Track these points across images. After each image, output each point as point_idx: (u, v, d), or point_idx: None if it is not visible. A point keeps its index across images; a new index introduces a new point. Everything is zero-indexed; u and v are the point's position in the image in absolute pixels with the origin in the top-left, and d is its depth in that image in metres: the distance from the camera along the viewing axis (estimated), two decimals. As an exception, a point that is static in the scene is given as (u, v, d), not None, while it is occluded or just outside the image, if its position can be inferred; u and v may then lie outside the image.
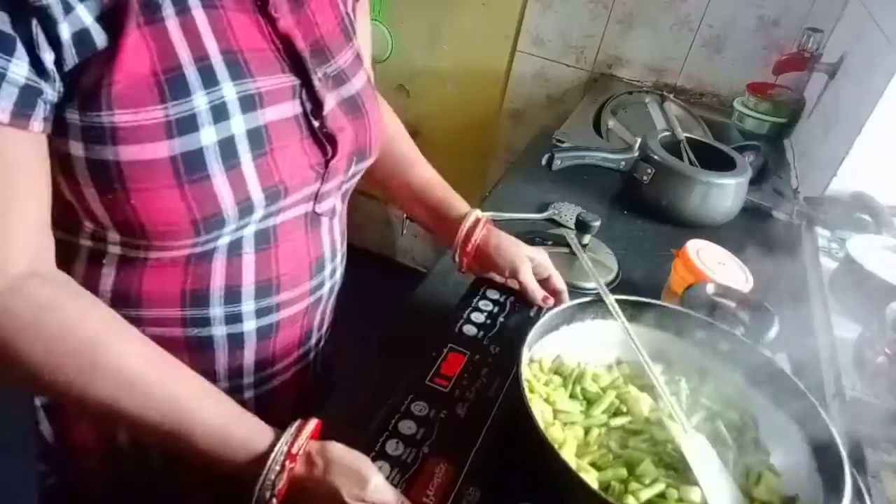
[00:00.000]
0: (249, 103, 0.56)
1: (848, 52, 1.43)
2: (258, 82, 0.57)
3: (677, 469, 0.60)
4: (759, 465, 0.63)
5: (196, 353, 0.65)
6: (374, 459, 0.57)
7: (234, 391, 0.70)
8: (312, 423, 0.56)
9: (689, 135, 1.33)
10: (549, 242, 1.03)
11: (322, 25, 0.64)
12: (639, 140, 1.23)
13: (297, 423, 0.55)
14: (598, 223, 0.99)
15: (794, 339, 0.80)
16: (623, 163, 1.21)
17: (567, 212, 1.18)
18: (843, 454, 0.57)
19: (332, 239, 0.72)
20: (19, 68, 0.45)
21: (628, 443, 0.63)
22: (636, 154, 1.21)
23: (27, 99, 0.46)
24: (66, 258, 0.59)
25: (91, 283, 0.59)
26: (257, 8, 0.57)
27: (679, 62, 1.85)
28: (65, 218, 0.56)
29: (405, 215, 1.03)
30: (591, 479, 0.58)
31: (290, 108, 0.60)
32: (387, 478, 0.56)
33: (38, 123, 0.48)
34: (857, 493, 0.57)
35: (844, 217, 1.16)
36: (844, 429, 0.65)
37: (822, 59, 1.51)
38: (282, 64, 0.59)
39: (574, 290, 0.90)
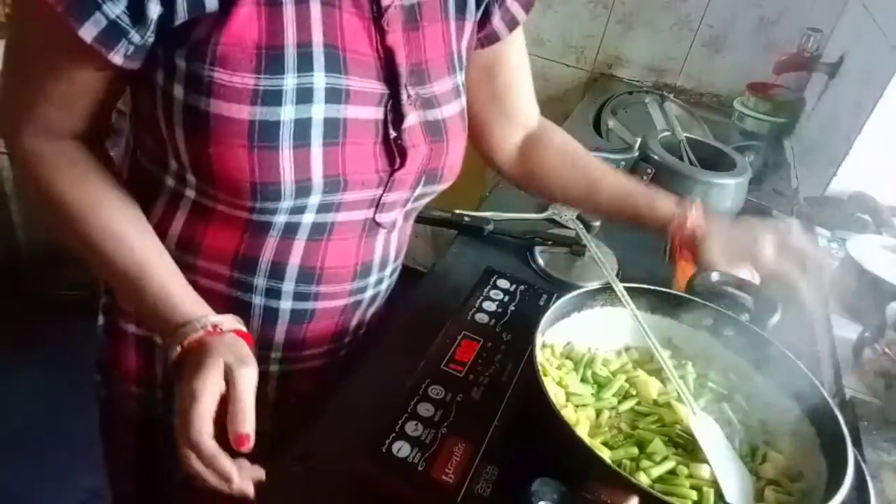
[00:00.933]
0: (335, 95, 0.60)
1: (848, 52, 1.43)
2: (350, 80, 0.61)
3: (686, 448, 0.62)
4: (764, 446, 0.65)
5: (235, 312, 0.69)
6: (394, 440, 0.60)
7: (261, 361, 0.74)
8: (243, 330, 0.62)
9: (689, 135, 1.33)
10: (549, 242, 1.03)
11: (429, 52, 0.68)
12: (639, 140, 1.23)
13: (234, 318, 0.62)
14: (598, 223, 0.99)
15: (794, 339, 0.80)
16: (623, 163, 1.21)
17: (567, 212, 1.18)
18: (846, 433, 0.58)
19: (386, 251, 0.76)
20: (114, 7, 0.51)
21: (638, 424, 0.65)
22: (636, 154, 1.21)
23: (112, 33, 0.52)
24: (152, 193, 0.67)
25: (164, 223, 0.67)
26: (373, 18, 0.62)
27: (679, 62, 1.85)
28: (157, 152, 0.63)
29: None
30: (604, 456, 0.59)
31: (373, 112, 0.64)
32: (407, 457, 0.58)
33: (119, 58, 0.54)
34: (860, 477, 0.57)
35: (844, 217, 1.16)
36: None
37: (822, 59, 1.51)
38: (378, 71, 0.63)
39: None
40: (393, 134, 0.65)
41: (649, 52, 1.86)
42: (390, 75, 0.64)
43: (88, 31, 0.52)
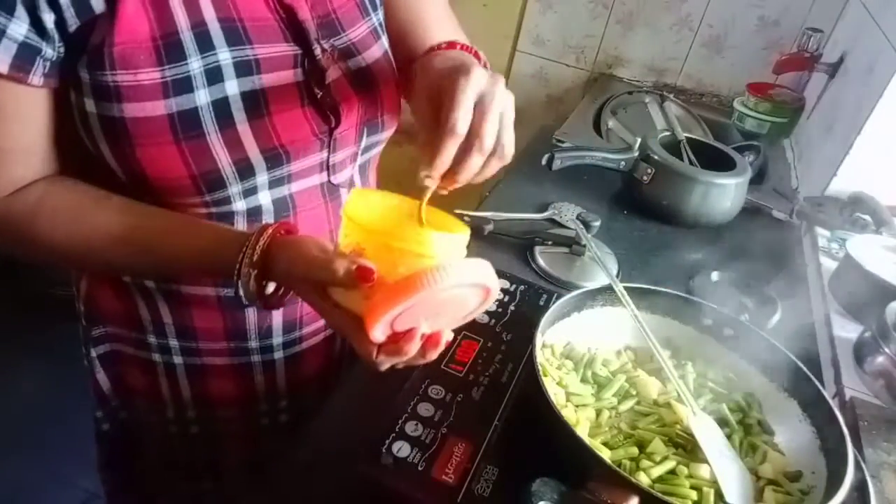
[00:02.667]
0: (245, 68, 0.59)
1: (848, 52, 1.43)
2: (256, 49, 0.59)
3: (686, 448, 0.63)
4: (764, 445, 0.65)
5: (228, 312, 0.70)
6: (394, 440, 0.60)
7: (265, 351, 0.75)
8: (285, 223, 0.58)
9: (689, 135, 1.33)
10: (549, 242, 1.03)
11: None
12: (639, 140, 1.23)
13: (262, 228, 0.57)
14: (598, 223, 0.99)
15: (794, 339, 0.80)
16: (623, 163, 1.21)
17: (567, 212, 1.18)
18: (846, 433, 0.58)
19: None
20: (18, 27, 0.49)
21: (638, 424, 0.65)
22: (636, 154, 1.21)
23: (25, 55, 0.51)
24: None
25: None
26: None
27: (679, 62, 1.85)
28: (95, 176, 0.60)
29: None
30: (605, 456, 0.59)
31: (291, 75, 0.62)
32: (407, 457, 0.58)
33: (38, 78, 0.52)
34: (860, 477, 0.57)
35: (844, 217, 1.16)
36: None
37: (822, 59, 1.51)
38: (284, 33, 0.62)
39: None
40: (319, 93, 0.63)
41: (649, 52, 1.86)
42: (297, 34, 0.62)
43: (2, 63, 0.50)
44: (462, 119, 0.49)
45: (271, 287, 0.57)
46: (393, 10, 0.74)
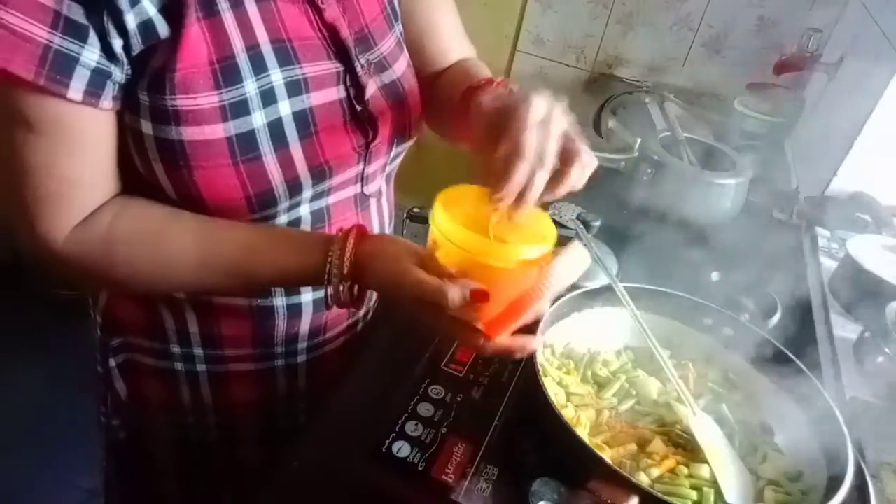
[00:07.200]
0: (295, 88, 0.60)
1: (848, 52, 1.43)
2: (304, 68, 0.61)
3: (686, 448, 0.63)
4: (764, 445, 0.66)
5: (258, 320, 0.70)
6: (394, 440, 0.60)
7: (290, 355, 0.76)
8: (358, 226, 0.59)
9: (689, 135, 1.32)
10: (550, 242, 1.03)
11: (367, 14, 0.67)
12: (639, 140, 1.23)
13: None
14: (598, 223, 0.99)
15: (794, 339, 0.80)
16: (623, 163, 1.21)
17: (567, 212, 1.17)
18: (846, 433, 0.58)
19: (381, 219, 0.78)
20: (91, 54, 0.50)
21: (638, 424, 0.66)
22: (636, 154, 1.21)
23: (97, 80, 0.52)
24: None
25: None
26: (306, 0, 0.61)
27: (679, 62, 1.85)
28: (142, 193, 0.60)
29: (405, 214, 1.02)
30: (605, 456, 0.59)
31: (335, 92, 0.63)
32: (407, 457, 0.59)
33: (108, 102, 0.53)
34: (861, 477, 0.57)
35: (844, 217, 1.16)
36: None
37: (822, 59, 1.51)
38: (328, 51, 0.63)
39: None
40: (359, 108, 0.65)
41: (649, 52, 1.86)
42: (340, 51, 0.63)
43: (76, 90, 0.50)
44: (528, 143, 0.51)
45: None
46: (409, 18, 0.75)
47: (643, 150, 1.21)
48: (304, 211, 0.66)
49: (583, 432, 0.63)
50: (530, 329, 0.55)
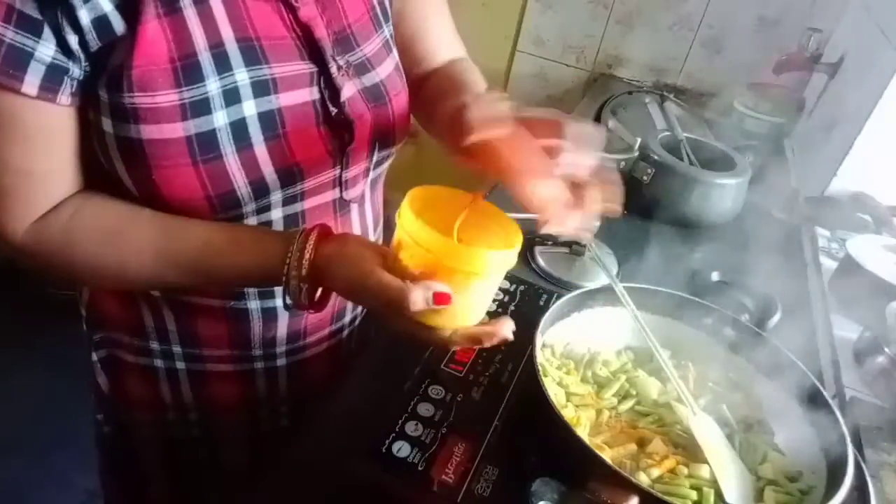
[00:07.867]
0: (262, 88, 0.58)
1: (848, 52, 1.43)
2: (273, 68, 0.59)
3: (686, 448, 0.63)
4: (764, 445, 0.65)
5: (234, 322, 0.69)
6: (394, 440, 0.60)
7: (268, 358, 0.75)
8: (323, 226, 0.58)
9: (689, 135, 1.32)
10: (549, 242, 1.03)
11: (350, 14, 0.66)
12: (639, 140, 1.23)
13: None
14: (598, 223, 0.99)
15: (794, 339, 0.80)
16: (623, 163, 1.21)
17: (567, 212, 1.17)
18: (846, 433, 0.58)
19: (363, 224, 0.75)
20: (46, 49, 0.50)
21: (638, 424, 0.66)
22: (636, 154, 1.21)
23: (53, 76, 0.51)
24: None
25: None
26: None
27: (679, 62, 1.85)
28: (107, 190, 0.60)
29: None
30: (605, 456, 0.59)
31: (307, 94, 0.62)
32: (407, 457, 0.59)
33: (66, 98, 0.53)
34: (861, 477, 0.57)
35: (844, 217, 1.16)
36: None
37: (822, 59, 1.51)
38: (301, 51, 0.61)
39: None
40: (334, 110, 0.63)
41: (649, 52, 1.86)
42: (314, 52, 0.62)
43: (31, 85, 0.50)
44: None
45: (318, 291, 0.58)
46: (400, 18, 0.74)
47: (643, 150, 1.21)
48: (276, 215, 0.64)
49: (583, 432, 0.63)
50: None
